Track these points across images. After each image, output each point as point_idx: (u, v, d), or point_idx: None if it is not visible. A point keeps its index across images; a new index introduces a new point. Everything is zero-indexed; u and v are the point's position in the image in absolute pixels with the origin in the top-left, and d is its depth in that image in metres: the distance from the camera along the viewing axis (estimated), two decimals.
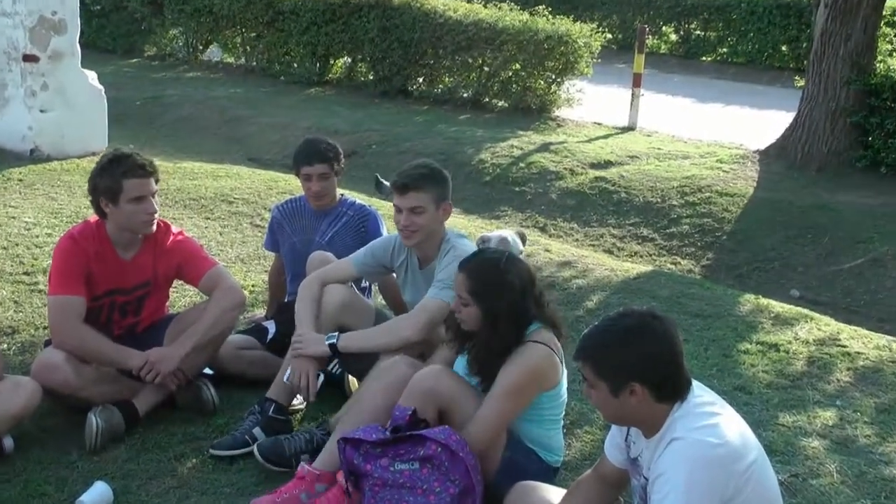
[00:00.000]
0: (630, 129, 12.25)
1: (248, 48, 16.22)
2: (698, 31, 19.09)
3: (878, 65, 10.23)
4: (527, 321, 3.27)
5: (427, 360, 3.60)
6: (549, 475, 3.36)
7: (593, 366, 2.64)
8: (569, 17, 13.44)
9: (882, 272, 7.78)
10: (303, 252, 4.57)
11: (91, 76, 9.04)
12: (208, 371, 4.24)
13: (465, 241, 3.94)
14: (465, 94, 13.64)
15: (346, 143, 11.08)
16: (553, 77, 12.98)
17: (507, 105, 13.21)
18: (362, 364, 3.77)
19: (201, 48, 17.04)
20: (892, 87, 9.95)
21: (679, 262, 8.09)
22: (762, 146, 10.74)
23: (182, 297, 5.29)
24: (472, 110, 13.13)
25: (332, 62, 15.25)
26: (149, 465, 3.67)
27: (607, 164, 10.12)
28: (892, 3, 14.20)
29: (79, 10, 8.83)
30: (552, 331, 3.31)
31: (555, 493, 3.07)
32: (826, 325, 5.50)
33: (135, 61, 16.82)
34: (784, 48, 17.57)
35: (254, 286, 5.66)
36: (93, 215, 3.99)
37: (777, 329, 5.38)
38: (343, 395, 4.13)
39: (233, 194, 7.71)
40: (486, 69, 13.40)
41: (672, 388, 2.62)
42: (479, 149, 10.68)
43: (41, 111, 8.63)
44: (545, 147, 10.74)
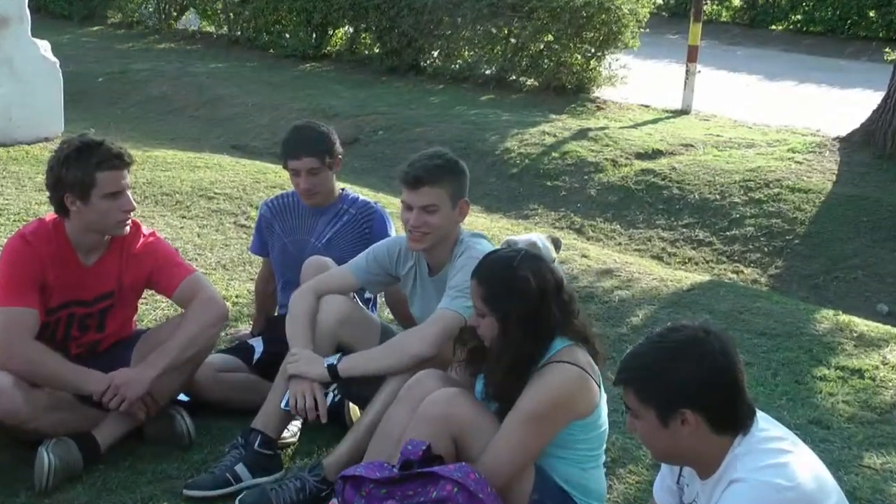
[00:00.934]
0: (684, 112, 12.22)
1: (232, 15, 16.32)
2: None
3: None
4: (548, 331, 3.26)
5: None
6: None
7: (638, 391, 2.65)
8: None
9: None
10: (296, 256, 4.59)
11: (43, 46, 9.08)
12: (183, 397, 4.24)
13: (483, 241, 3.94)
14: (487, 71, 13.66)
15: (348, 128, 11.15)
16: (592, 51, 12.99)
17: (537, 84, 13.21)
18: (366, 389, 3.79)
19: (175, 14, 17.17)
20: None
21: (742, 271, 8.07)
22: (843, 132, 10.70)
23: (153, 309, 5.31)
24: (495, 90, 13.14)
25: (330, 32, 15.33)
26: None
27: (656, 154, 10.11)
28: None
29: None
30: (585, 348, 3.31)
31: None
32: None
33: (96, 29, 16.98)
34: (871, 14, 17.50)
35: (238, 297, 5.69)
36: (48, 213, 4.01)
37: (861, 351, 5.37)
38: (342, 427, 4.13)
39: (213, 188, 7.75)
40: (513, 41, 13.42)
41: (732, 416, 2.62)
42: (503, 136, 10.69)
43: None
44: (582, 134, 10.73)
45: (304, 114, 11.33)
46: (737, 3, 19.35)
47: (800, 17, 18.53)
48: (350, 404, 4.24)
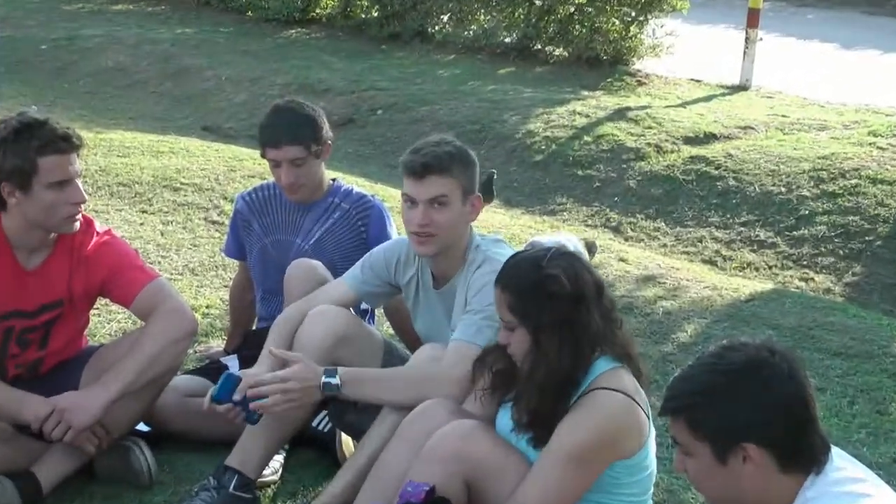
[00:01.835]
0: (742, 87, 12.20)
1: None
2: None
3: None
4: (588, 343, 3.25)
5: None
6: None
7: (689, 422, 2.64)
8: None
9: None
10: (278, 260, 4.59)
11: None
12: (143, 427, 4.24)
13: (505, 248, 3.93)
14: (507, 39, 13.67)
15: (341, 106, 11.16)
16: (633, 15, 12.98)
17: (566, 54, 13.21)
18: (365, 419, 3.78)
19: None
20: None
21: (812, 279, 8.05)
22: None
23: (107, 322, 5.33)
24: (517, 62, 13.14)
25: None
26: None
27: (709, 139, 10.10)
28: None
29: None
30: (629, 369, 3.30)
31: None
32: None
33: None
34: None
35: (209, 307, 5.70)
36: None
37: None
38: (333, 464, 4.14)
39: (180, 178, 7.77)
40: (538, 3, 13.41)
41: (802, 452, 2.61)
42: (526, 116, 10.69)
43: None
44: (621, 114, 10.73)
45: (288, 90, 11.35)
46: None
47: None
48: (343, 436, 4.23)
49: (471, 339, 3.66)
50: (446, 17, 14.34)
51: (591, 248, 5.17)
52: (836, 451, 2.68)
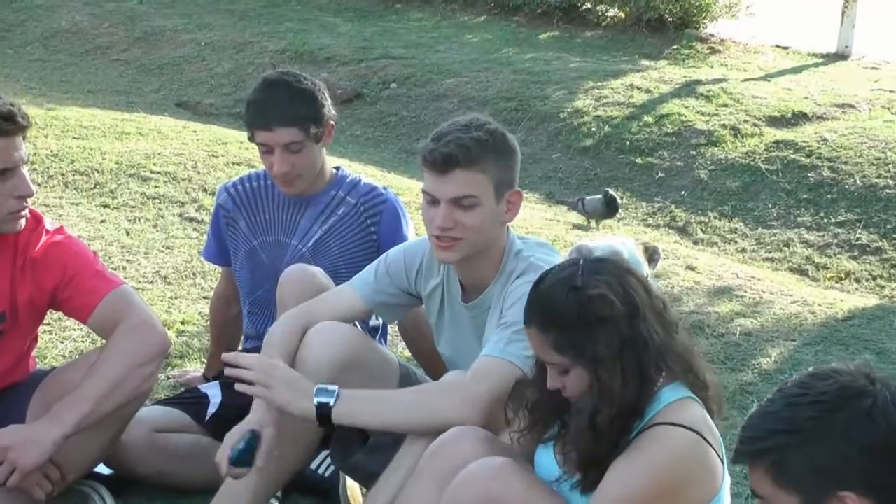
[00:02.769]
0: (840, 56, 12.16)
1: None
2: None
3: None
4: (654, 359, 3.24)
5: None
6: None
7: (773, 467, 2.63)
8: None
9: None
10: (270, 266, 4.61)
11: None
12: (104, 469, 4.25)
13: (552, 255, 3.91)
14: None
15: (347, 79, 11.17)
16: None
17: (622, 16, 13.19)
18: (375, 460, 3.77)
19: None
20: None
21: None
22: None
23: (60, 340, 5.34)
24: (562, 25, 13.13)
25: None
26: None
27: (798, 119, 10.09)
28: None
29: None
30: (699, 401, 3.29)
31: None
32: None
33: None
34: None
35: (185, 323, 5.71)
36: None
37: None
38: None
39: (149, 165, 7.79)
40: None
41: None
42: (572, 91, 10.68)
43: None
44: (689, 89, 10.72)
45: (281, 59, 11.38)
46: None
47: None
48: (348, 481, 4.23)
49: (500, 353, 3.64)
50: None
51: (652, 254, 5.14)
52: None
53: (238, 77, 11.36)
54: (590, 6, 13.42)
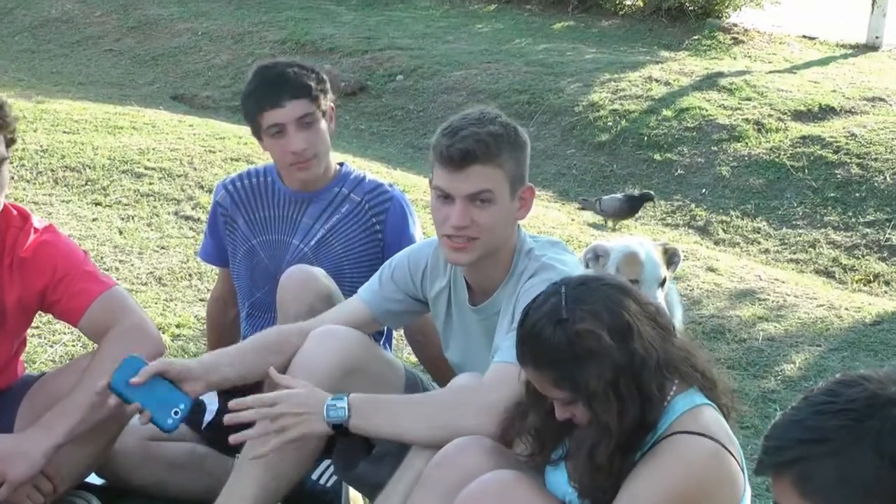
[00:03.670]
0: (870, 47, 12.18)
1: None
2: None
3: None
4: (654, 375, 3.19)
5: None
6: None
7: (797, 481, 2.58)
8: None
9: None
10: (270, 267, 4.60)
11: None
12: (96, 479, 4.24)
13: (566, 255, 3.90)
14: None
15: (350, 70, 11.20)
16: None
17: (640, 4, 13.22)
18: (379, 470, 3.76)
19: None
20: None
21: None
22: None
23: (50, 344, 5.32)
24: (577, 14, 13.16)
25: None
26: None
27: (826, 113, 10.10)
28: None
29: None
30: (714, 406, 3.27)
31: None
32: None
33: None
34: None
35: (180, 326, 5.71)
36: None
37: None
38: None
39: (144, 161, 7.80)
40: None
41: None
42: (588, 83, 10.69)
43: None
44: (710, 81, 10.73)
45: (282, 49, 11.42)
46: None
47: None
48: (351, 492, 4.23)
49: (514, 358, 3.53)
50: None
51: (671, 256, 5.09)
52: None
53: (236, 69, 11.39)
54: None
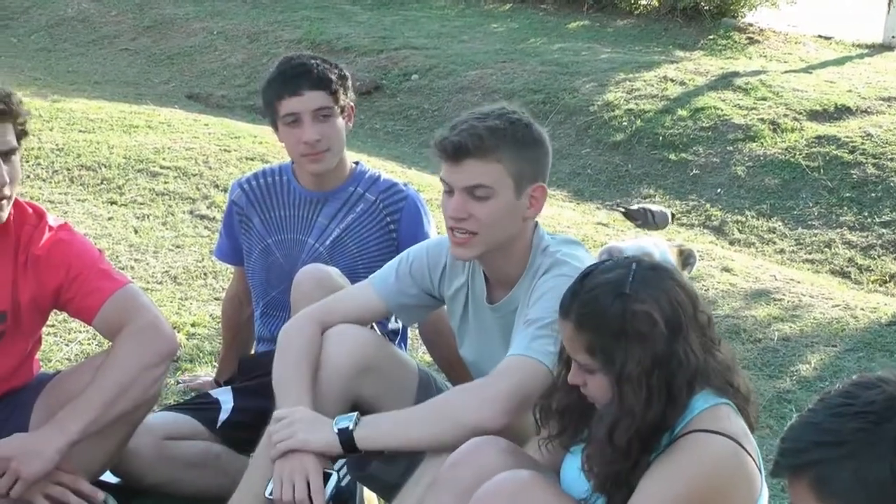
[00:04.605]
0: (887, 47, 12.11)
1: None
2: None
3: None
4: (686, 381, 3.19)
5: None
6: None
7: (814, 484, 2.60)
8: None
9: None
10: (285, 266, 4.61)
11: None
12: (111, 477, 4.25)
13: (580, 251, 3.89)
14: None
15: (366, 70, 11.17)
16: None
17: (655, 4, 13.17)
18: (391, 470, 3.77)
19: None
20: None
21: None
22: None
23: (65, 343, 5.33)
24: (592, 13, 13.11)
25: None
26: None
27: (842, 113, 10.06)
28: None
29: None
30: (734, 406, 3.26)
31: None
32: None
33: None
34: None
35: (195, 325, 5.72)
36: None
37: None
38: None
39: (159, 160, 7.80)
40: None
41: None
42: (603, 83, 10.67)
43: None
44: (726, 81, 10.70)
45: (297, 48, 11.36)
46: None
47: None
48: (366, 492, 4.23)
49: (524, 352, 3.61)
50: None
51: (686, 257, 5.11)
52: None
53: (251, 68, 11.37)
54: None
